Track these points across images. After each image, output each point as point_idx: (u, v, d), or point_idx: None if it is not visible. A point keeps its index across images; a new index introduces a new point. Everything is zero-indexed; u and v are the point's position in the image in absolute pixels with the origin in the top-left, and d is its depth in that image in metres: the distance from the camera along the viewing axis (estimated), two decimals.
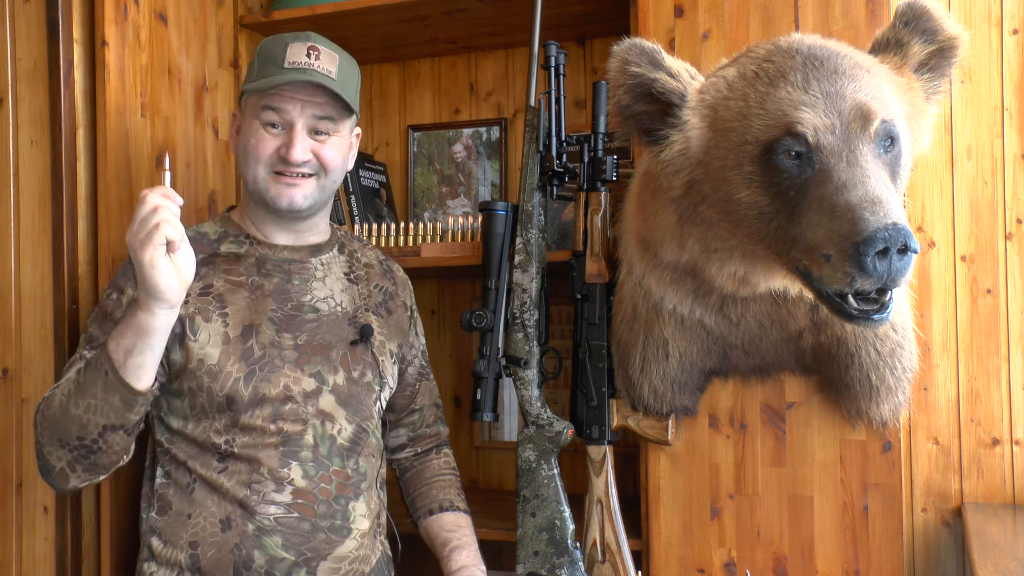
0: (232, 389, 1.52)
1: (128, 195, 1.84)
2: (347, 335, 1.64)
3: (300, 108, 1.57)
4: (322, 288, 1.66)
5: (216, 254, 1.62)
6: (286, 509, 1.51)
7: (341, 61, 1.62)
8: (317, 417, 1.57)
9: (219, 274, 1.60)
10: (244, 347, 1.55)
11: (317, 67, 1.57)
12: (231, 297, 1.58)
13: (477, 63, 2.40)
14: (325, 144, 1.60)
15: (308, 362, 1.58)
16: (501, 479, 2.34)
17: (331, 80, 1.57)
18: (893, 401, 1.64)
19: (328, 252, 1.71)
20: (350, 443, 1.60)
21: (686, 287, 1.62)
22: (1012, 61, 1.85)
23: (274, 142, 1.58)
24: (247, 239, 1.65)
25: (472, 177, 2.38)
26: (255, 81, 1.59)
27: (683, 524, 1.75)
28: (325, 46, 1.61)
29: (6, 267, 1.82)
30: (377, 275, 1.76)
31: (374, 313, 1.70)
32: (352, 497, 1.58)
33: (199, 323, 1.54)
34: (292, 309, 1.61)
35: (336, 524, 1.55)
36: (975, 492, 1.85)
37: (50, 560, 1.76)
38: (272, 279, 1.62)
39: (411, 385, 1.80)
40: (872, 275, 1.23)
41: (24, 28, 1.80)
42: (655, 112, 1.48)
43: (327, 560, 1.53)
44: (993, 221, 1.85)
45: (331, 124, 1.60)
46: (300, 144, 1.56)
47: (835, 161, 1.30)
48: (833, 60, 1.38)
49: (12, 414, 1.80)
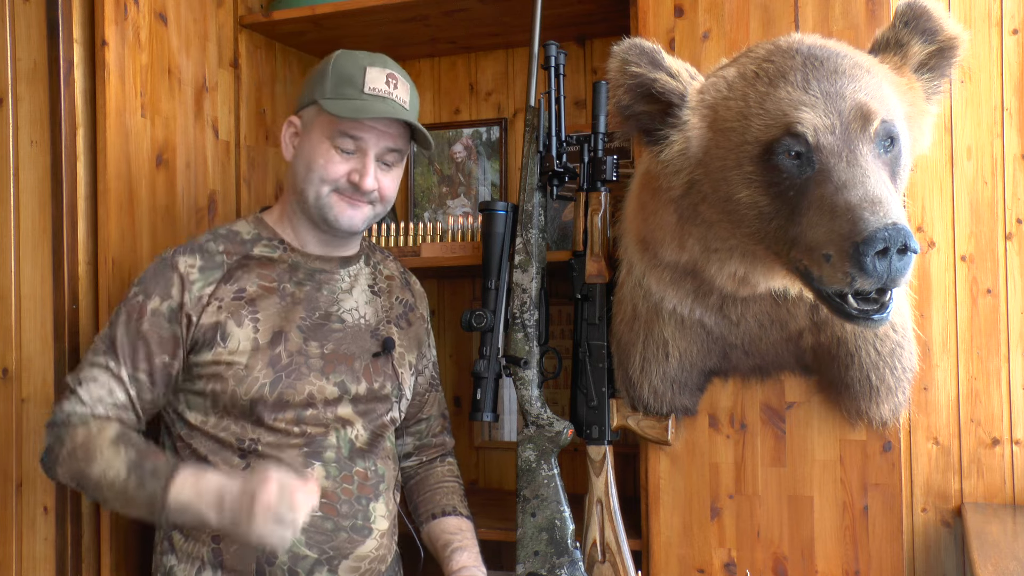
0: (257, 394, 1.53)
1: (128, 195, 1.84)
2: (370, 347, 1.66)
3: (376, 138, 1.58)
4: (348, 299, 1.67)
5: (250, 256, 1.62)
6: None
7: (411, 89, 1.63)
8: (337, 422, 1.59)
9: (252, 278, 1.60)
10: (272, 353, 1.55)
11: (395, 97, 1.58)
12: (263, 302, 1.58)
13: (477, 63, 2.40)
14: (388, 175, 1.62)
15: (334, 371, 1.60)
16: (501, 479, 2.34)
17: (406, 112, 1.59)
18: (893, 401, 1.64)
19: (356, 264, 1.72)
20: (368, 446, 1.62)
21: (686, 287, 1.62)
22: (1012, 61, 1.85)
23: (345, 166, 1.58)
24: (281, 244, 1.65)
25: (472, 177, 2.38)
26: (335, 101, 1.56)
27: (683, 524, 1.75)
28: (400, 74, 1.62)
29: (6, 267, 1.82)
30: (398, 287, 1.78)
31: (395, 325, 1.72)
32: (372, 498, 1.59)
33: (231, 328, 1.55)
34: (320, 318, 1.62)
35: (358, 524, 1.57)
36: (975, 492, 1.85)
37: (50, 560, 1.76)
38: (303, 287, 1.63)
39: (420, 395, 1.81)
40: (872, 275, 1.23)
41: (24, 28, 1.80)
42: (655, 112, 1.48)
43: (348, 559, 1.55)
44: (993, 221, 1.85)
45: (398, 156, 1.62)
46: (373, 173, 1.58)
47: (835, 161, 1.30)
48: (833, 60, 1.38)
49: (12, 414, 1.80)
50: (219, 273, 1.57)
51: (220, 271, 1.58)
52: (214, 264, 1.58)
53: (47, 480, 1.75)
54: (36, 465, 1.76)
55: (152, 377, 1.55)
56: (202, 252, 1.59)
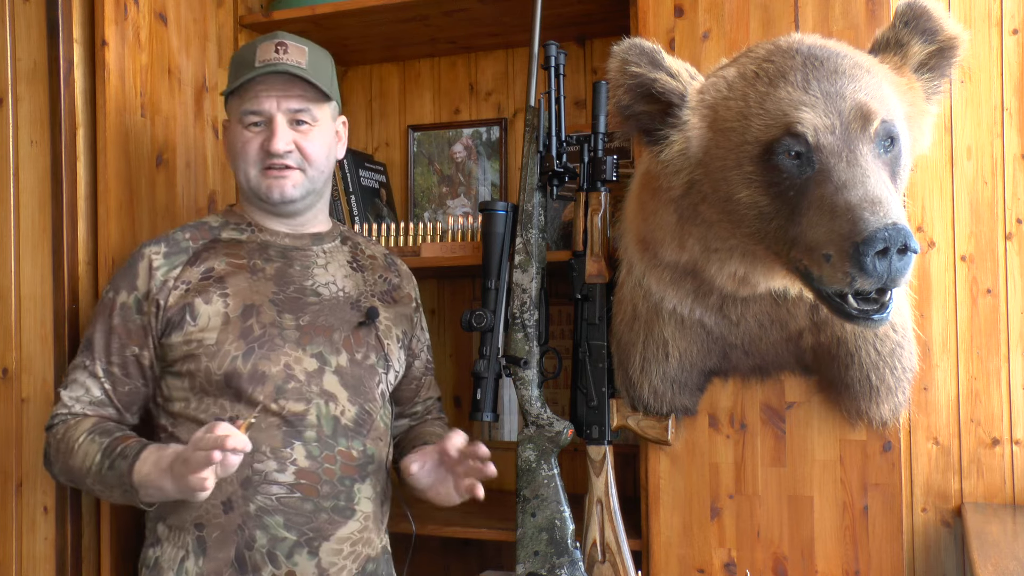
0: (230, 367, 1.53)
1: (128, 195, 1.84)
2: (350, 318, 1.66)
3: (276, 103, 1.60)
4: (324, 274, 1.68)
5: (218, 239, 1.65)
6: (288, 489, 1.52)
7: (311, 52, 1.65)
8: (321, 396, 1.57)
9: (220, 257, 1.62)
10: (244, 326, 1.56)
11: (286, 60, 1.61)
12: (232, 279, 1.60)
13: (477, 63, 2.40)
14: (307, 135, 1.62)
15: (311, 342, 1.59)
16: (501, 479, 2.32)
17: (301, 69, 1.61)
18: (893, 401, 1.64)
19: (330, 242, 1.73)
20: (355, 424, 1.60)
21: (686, 287, 1.62)
22: (1012, 61, 1.85)
23: (257, 139, 1.61)
24: (249, 226, 1.68)
25: (472, 177, 2.38)
26: (230, 85, 1.63)
27: (683, 524, 1.75)
28: (293, 40, 1.64)
29: (6, 267, 1.82)
30: (381, 267, 1.79)
31: (380, 299, 1.72)
32: (358, 479, 1.58)
33: (199, 306, 1.56)
34: (294, 292, 1.63)
35: (340, 505, 1.56)
36: (975, 492, 1.85)
37: (50, 560, 1.76)
38: (273, 263, 1.64)
39: (417, 379, 1.82)
40: (872, 275, 1.23)
41: (24, 28, 1.80)
42: (655, 112, 1.48)
43: (330, 541, 1.54)
44: (993, 221, 1.85)
45: (309, 114, 1.63)
46: (281, 134, 1.59)
47: (835, 161, 1.30)
48: (833, 60, 1.38)
49: (12, 414, 1.80)
50: (185, 257, 1.61)
51: (186, 255, 1.61)
52: (179, 249, 1.62)
53: (47, 480, 1.75)
54: (36, 465, 1.76)
55: (125, 369, 1.59)
56: (168, 240, 1.63)
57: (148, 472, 1.44)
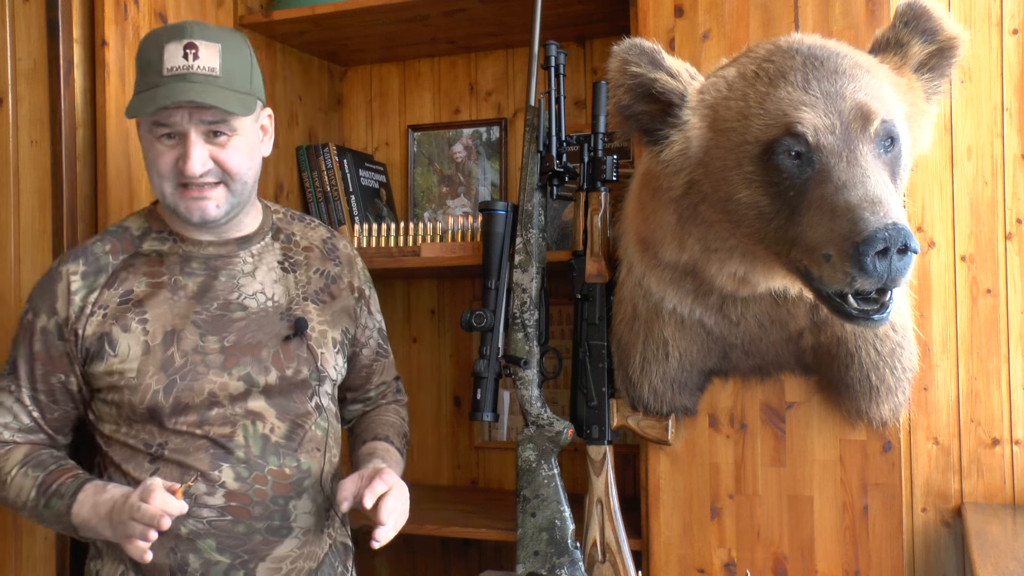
0: (152, 402, 1.46)
1: (128, 195, 1.84)
2: (279, 330, 1.55)
3: (188, 116, 1.44)
4: (252, 283, 1.57)
5: (138, 253, 1.55)
6: (219, 512, 1.47)
7: (224, 50, 1.47)
8: (247, 417, 1.50)
9: (140, 277, 1.52)
10: (164, 356, 1.48)
11: (197, 68, 1.43)
12: (151, 301, 1.51)
13: (477, 63, 2.40)
14: (226, 147, 1.47)
15: (236, 364, 1.51)
16: (501, 479, 2.34)
17: (215, 79, 1.44)
18: (893, 401, 1.64)
19: (259, 242, 1.61)
20: (286, 440, 1.53)
21: (686, 287, 1.62)
22: (1012, 61, 1.85)
23: (171, 154, 1.46)
24: (171, 236, 1.56)
25: (472, 177, 2.39)
26: (137, 96, 1.47)
27: (683, 524, 1.75)
28: (203, 38, 1.45)
29: (6, 267, 1.82)
30: (317, 259, 1.66)
31: (313, 302, 1.61)
32: (293, 496, 1.52)
33: (117, 335, 1.48)
34: (218, 309, 1.53)
35: (274, 525, 1.50)
36: (975, 492, 1.85)
37: (50, 560, 1.76)
38: (196, 278, 1.54)
39: (367, 366, 1.74)
40: (872, 275, 1.23)
41: (24, 28, 1.80)
42: (655, 112, 1.48)
43: (266, 561, 1.49)
44: (993, 221, 1.85)
45: (227, 124, 1.46)
46: (196, 155, 1.44)
47: (835, 161, 1.31)
48: (833, 60, 1.38)
49: None
50: (103, 277, 1.51)
51: (104, 275, 1.52)
52: (98, 267, 1.52)
53: None
54: None
55: (52, 396, 1.52)
56: (86, 256, 1.53)
57: (87, 517, 1.42)
